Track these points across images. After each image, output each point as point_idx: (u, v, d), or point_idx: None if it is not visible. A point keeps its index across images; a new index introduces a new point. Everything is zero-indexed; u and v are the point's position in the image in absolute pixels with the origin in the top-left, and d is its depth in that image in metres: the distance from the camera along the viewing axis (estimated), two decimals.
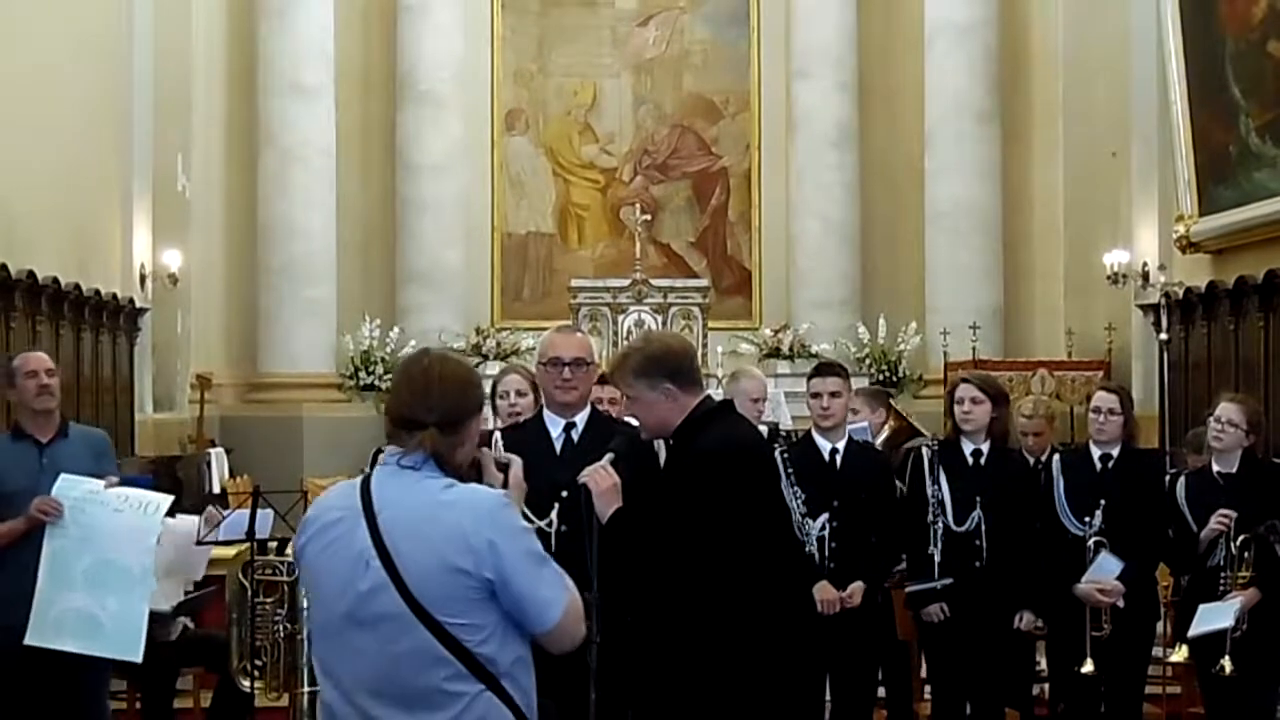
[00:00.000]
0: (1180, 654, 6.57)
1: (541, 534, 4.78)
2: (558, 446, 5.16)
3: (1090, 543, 6.34)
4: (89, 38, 12.53)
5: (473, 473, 3.48)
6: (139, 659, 5.97)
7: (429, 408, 3.34)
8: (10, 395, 6.19)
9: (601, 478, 4.53)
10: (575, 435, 5.18)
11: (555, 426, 5.20)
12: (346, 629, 3.31)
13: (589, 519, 4.52)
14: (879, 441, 7.67)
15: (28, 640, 5.65)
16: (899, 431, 8.02)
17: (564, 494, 4.91)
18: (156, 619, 7.54)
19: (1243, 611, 6.07)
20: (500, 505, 3.33)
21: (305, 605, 5.64)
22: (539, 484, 4.82)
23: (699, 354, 15.34)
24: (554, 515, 4.96)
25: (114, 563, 5.75)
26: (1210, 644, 6.14)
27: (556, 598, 3.31)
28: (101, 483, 5.91)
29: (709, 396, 4.79)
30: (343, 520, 3.33)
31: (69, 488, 5.81)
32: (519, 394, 6.28)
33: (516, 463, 3.67)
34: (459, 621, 3.24)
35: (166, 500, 5.99)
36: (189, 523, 7.21)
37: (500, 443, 5.10)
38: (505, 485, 3.59)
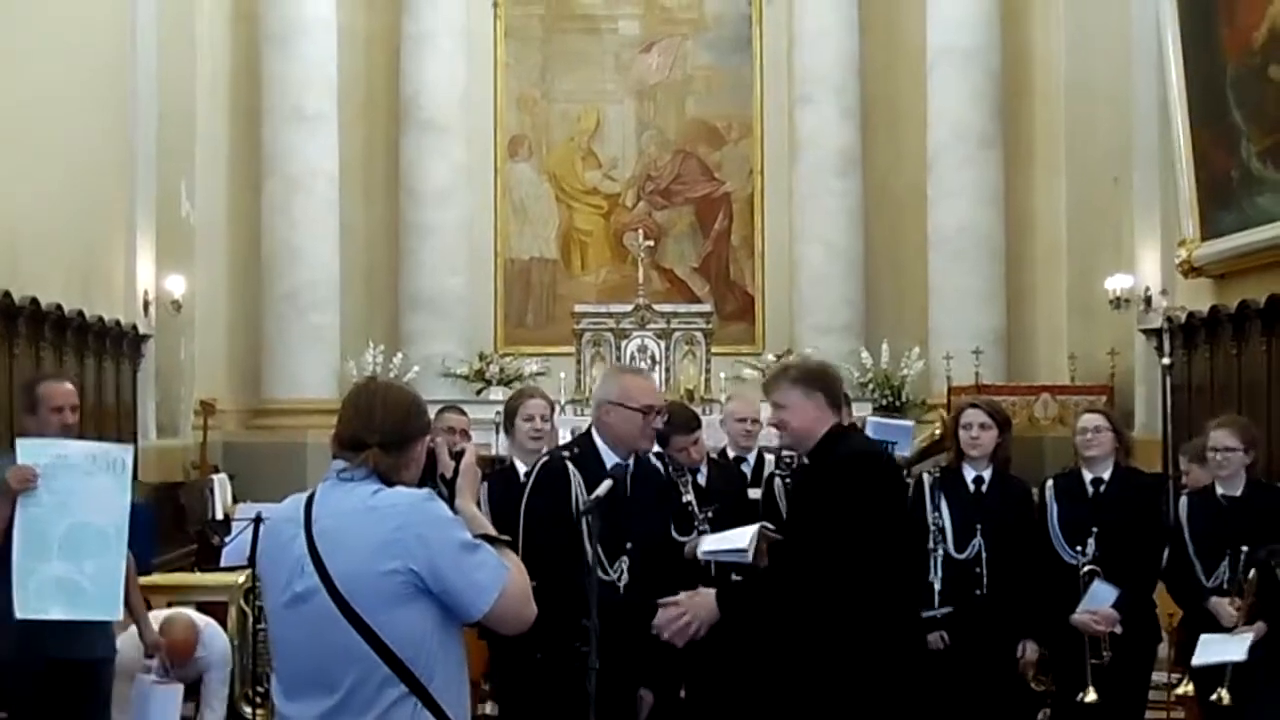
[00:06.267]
0: (1186, 687, 6.53)
1: (612, 586, 4.78)
2: (627, 487, 5.00)
3: (1083, 572, 6.29)
4: (93, 65, 12.57)
5: (428, 463, 3.58)
6: (120, 617, 5.93)
7: (372, 429, 3.47)
8: None
9: (673, 622, 4.64)
10: (627, 477, 5.03)
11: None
12: (283, 628, 3.46)
13: (593, 548, 4.49)
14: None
15: (18, 615, 5.52)
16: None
17: (629, 546, 4.86)
18: None
19: (1253, 643, 6.02)
20: (424, 499, 3.43)
21: None
22: (605, 532, 4.68)
23: (702, 380, 15.41)
24: (624, 568, 4.88)
25: (89, 525, 5.62)
26: (1210, 673, 6.10)
27: (491, 582, 3.39)
28: (59, 441, 5.77)
29: (839, 423, 5.01)
30: (284, 529, 3.47)
31: (34, 452, 5.65)
32: (543, 418, 6.25)
33: (470, 450, 3.71)
34: (389, 623, 3.32)
35: (129, 451, 5.88)
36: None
37: (575, 470, 4.99)
38: (456, 473, 3.70)
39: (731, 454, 7.58)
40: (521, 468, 5.96)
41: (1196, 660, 6.18)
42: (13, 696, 5.83)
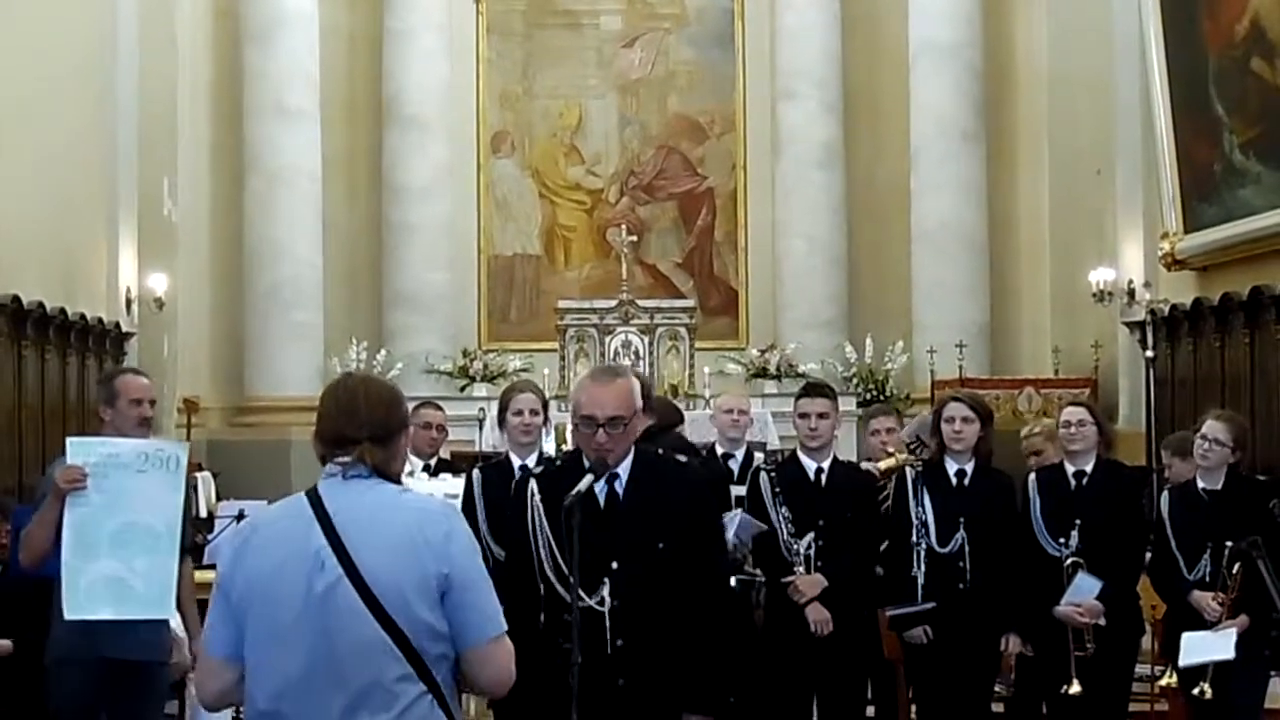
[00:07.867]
0: (1171, 679, 6.53)
1: (593, 613, 4.38)
2: (600, 500, 4.50)
3: (1067, 564, 6.29)
4: (74, 63, 12.53)
5: None
6: (170, 616, 5.83)
7: (359, 424, 3.42)
8: None
9: None
10: (620, 489, 4.54)
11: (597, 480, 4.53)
12: (295, 629, 3.32)
13: (570, 538, 4.41)
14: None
15: (67, 616, 5.45)
16: None
17: (614, 565, 4.43)
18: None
19: (1237, 637, 6.02)
20: (455, 512, 3.47)
21: None
22: (583, 552, 4.18)
23: (686, 375, 15.44)
24: (605, 592, 4.43)
25: (139, 524, 5.50)
26: (1194, 666, 6.11)
27: (499, 619, 3.40)
28: (109, 440, 5.66)
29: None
30: (290, 526, 3.38)
31: (83, 450, 5.53)
32: (533, 412, 6.22)
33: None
34: (415, 620, 3.29)
35: (184, 448, 5.78)
36: None
37: (537, 494, 4.59)
38: None
39: (720, 450, 7.65)
40: (515, 460, 6.07)
41: (1184, 661, 6.16)
42: (64, 693, 5.79)
